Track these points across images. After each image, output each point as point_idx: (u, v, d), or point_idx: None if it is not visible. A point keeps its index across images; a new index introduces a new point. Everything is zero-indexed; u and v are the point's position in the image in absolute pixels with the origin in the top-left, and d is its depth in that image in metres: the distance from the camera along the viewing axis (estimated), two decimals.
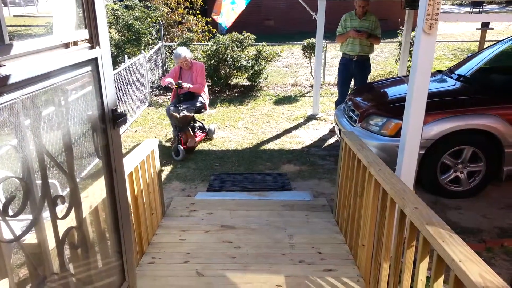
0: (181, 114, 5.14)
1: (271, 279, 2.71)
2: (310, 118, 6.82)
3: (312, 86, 8.11)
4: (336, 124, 5.17)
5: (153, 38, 9.20)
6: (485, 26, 8.29)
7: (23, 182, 0.84)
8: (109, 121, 1.16)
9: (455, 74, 5.05)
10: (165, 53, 9.26)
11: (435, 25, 2.73)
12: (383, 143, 4.15)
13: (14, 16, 18.14)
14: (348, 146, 3.17)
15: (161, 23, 9.50)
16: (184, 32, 10.02)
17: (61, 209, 1.11)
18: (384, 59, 11.73)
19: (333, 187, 4.34)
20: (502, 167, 4.09)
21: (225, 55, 8.25)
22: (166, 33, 10.11)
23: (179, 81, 5.34)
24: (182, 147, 5.15)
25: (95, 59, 1.10)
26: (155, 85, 8.63)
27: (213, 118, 6.90)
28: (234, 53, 8.31)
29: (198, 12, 10.68)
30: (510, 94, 4.25)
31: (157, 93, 8.50)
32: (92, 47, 1.10)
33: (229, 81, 8.63)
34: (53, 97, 0.97)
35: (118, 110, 1.19)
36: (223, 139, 5.96)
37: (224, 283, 2.70)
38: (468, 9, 24.66)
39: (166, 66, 9.22)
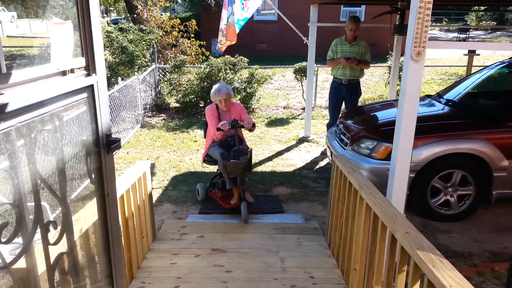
0: (246, 160, 4.02)
1: None
2: (302, 140, 6.87)
3: (303, 109, 8.20)
4: (328, 146, 5.21)
5: (146, 60, 9.29)
6: (472, 52, 8.52)
7: (17, 208, 0.84)
8: (103, 146, 1.17)
9: (443, 98, 5.16)
10: (158, 75, 9.33)
11: (423, 52, 2.81)
12: (374, 166, 4.19)
13: (7, 36, 18.20)
14: (340, 169, 3.20)
15: (155, 45, 9.61)
16: (178, 54, 10.14)
17: (52, 234, 1.10)
18: (374, 82, 11.93)
19: (324, 209, 4.34)
20: (491, 191, 4.14)
21: (218, 77, 8.33)
22: (160, 55, 10.21)
23: (235, 119, 4.22)
24: (246, 205, 4.05)
25: (91, 86, 1.12)
26: (148, 106, 8.67)
27: (205, 140, 6.91)
28: (227, 75, 8.41)
29: (192, 35, 10.83)
30: (497, 118, 4.34)
31: (149, 115, 8.52)
32: (88, 74, 1.12)
33: None
34: (48, 123, 0.99)
35: (118, 138, 1.21)
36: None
37: None
38: (455, 34, 25.36)
39: (159, 88, 9.28)
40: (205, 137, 4.65)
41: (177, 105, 8.89)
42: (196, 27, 11.28)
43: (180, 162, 5.93)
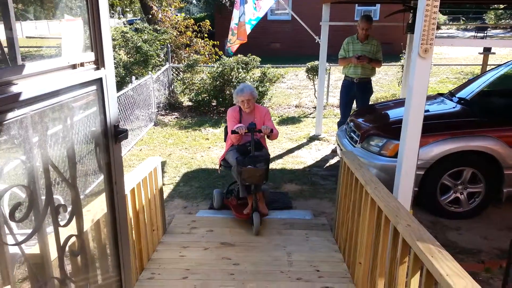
0: (263, 167, 3.70)
1: None
2: (312, 139, 6.89)
3: (315, 108, 8.21)
4: (338, 144, 5.24)
5: (160, 60, 9.43)
6: (487, 50, 8.41)
7: (29, 190, 0.92)
8: (111, 136, 1.25)
9: (455, 97, 5.13)
10: (172, 74, 9.47)
11: (430, 49, 2.83)
12: (383, 163, 4.20)
13: (26, 37, 18.65)
14: (347, 165, 3.24)
15: (169, 45, 9.74)
16: (192, 54, 10.26)
17: (63, 219, 1.18)
18: (388, 81, 11.86)
19: (333, 206, 4.37)
20: (501, 189, 4.11)
21: (231, 76, 8.42)
22: (174, 55, 10.36)
23: (253, 122, 3.90)
24: (259, 216, 3.76)
25: (100, 79, 1.19)
26: (161, 105, 8.80)
27: (217, 138, 7.01)
28: (239, 74, 8.48)
29: (206, 35, 10.95)
30: (510, 117, 4.31)
31: (163, 113, 8.65)
32: (97, 68, 1.19)
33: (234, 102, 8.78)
34: (59, 113, 1.06)
35: (126, 129, 1.27)
36: None
37: None
38: (473, 33, 24.95)
39: (172, 87, 9.41)
40: (225, 141, 4.36)
41: (190, 103, 9.01)
42: (210, 27, 11.40)
43: (191, 159, 6.02)
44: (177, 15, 11.42)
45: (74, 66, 1.11)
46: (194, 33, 10.83)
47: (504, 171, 4.06)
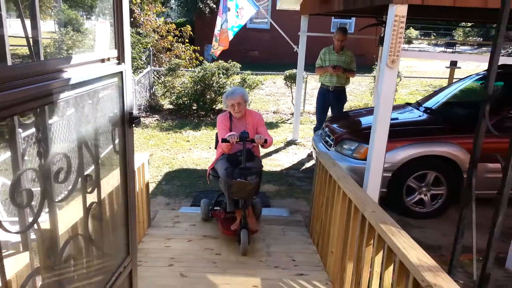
0: (255, 181, 3.39)
1: (248, 281, 2.98)
2: (289, 143, 7.21)
3: (292, 114, 8.54)
4: (314, 148, 5.55)
5: (142, 62, 9.57)
6: (453, 64, 8.98)
7: (69, 159, 1.14)
8: (127, 121, 1.47)
9: (422, 106, 5.55)
10: (153, 77, 9.62)
11: (397, 60, 3.17)
12: (355, 165, 4.53)
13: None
14: (322, 164, 3.53)
15: (151, 49, 9.91)
16: (172, 58, 10.45)
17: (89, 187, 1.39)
18: (361, 92, 12.37)
19: (308, 205, 4.66)
20: (462, 191, 4.50)
21: (211, 81, 8.66)
22: (155, 58, 10.52)
23: (246, 131, 3.62)
24: (247, 233, 3.44)
25: (121, 72, 1.42)
26: (142, 107, 8.94)
27: (197, 140, 7.21)
28: (220, 79, 8.73)
29: (187, 40, 11.17)
30: (470, 125, 4.72)
31: (143, 115, 8.79)
32: (119, 63, 1.42)
33: (214, 106, 9.01)
34: (92, 98, 1.29)
35: (139, 116, 1.49)
36: (207, 160, 6.26)
37: (205, 283, 2.95)
38: (443, 48, 26.15)
39: (153, 90, 9.56)
40: (215, 148, 4.03)
41: (171, 106, 9.18)
42: (191, 32, 11.62)
43: (173, 160, 6.21)
44: (156, 20, 11.59)
45: (103, 60, 1.34)
46: (175, 37, 11.03)
47: (464, 174, 4.45)
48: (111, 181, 1.53)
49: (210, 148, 6.82)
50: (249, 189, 3.34)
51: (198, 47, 11.41)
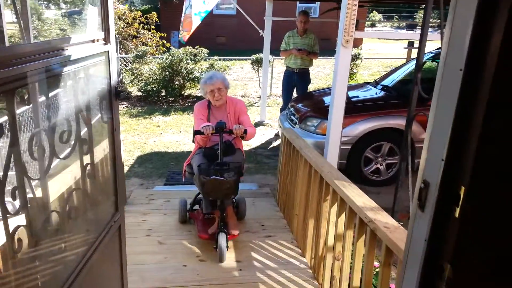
0: (232, 178, 3.02)
1: None
2: (257, 124, 7.50)
3: (260, 97, 8.83)
4: (280, 126, 5.87)
5: None
6: (410, 45, 9.49)
7: (69, 122, 1.37)
8: (113, 94, 1.71)
9: (380, 84, 5.95)
10: (120, 65, 9.63)
11: (351, 40, 3.49)
12: (318, 140, 4.86)
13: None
14: (287, 138, 3.84)
15: (116, 36, 9.89)
16: (139, 45, 10.47)
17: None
18: (325, 74, 12.79)
19: (276, 179, 4.98)
20: (413, 160, 4.93)
21: (179, 67, 8.79)
22: (121, 46, 10.50)
23: (222, 121, 3.26)
24: (226, 237, 3.10)
25: (107, 51, 1.65)
26: None
27: (167, 125, 7.38)
28: (188, 65, 8.88)
29: (153, 27, 11.18)
30: (421, 99, 5.15)
31: None
32: (105, 44, 1.65)
33: (183, 92, 9.17)
34: (85, 73, 1.52)
35: (124, 90, 1.72)
36: (178, 143, 6.46)
37: (182, 247, 3.22)
38: (404, 31, 27.00)
39: (121, 77, 9.58)
40: (193, 141, 3.51)
41: (139, 93, 9.26)
42: (157, 19, 11.62)
43: (144, 144, 6.38)
44: (120, 8, 11.52)
45: (93, 41, 1.56)
46: (141, 24, 11.02)
47: (415, 144, 4.88)
48: (101, 146, 1.75)
49: (180, 132, 7.02)
50: (225, 188, 2.95)
51: (165, 34, 11.44)
